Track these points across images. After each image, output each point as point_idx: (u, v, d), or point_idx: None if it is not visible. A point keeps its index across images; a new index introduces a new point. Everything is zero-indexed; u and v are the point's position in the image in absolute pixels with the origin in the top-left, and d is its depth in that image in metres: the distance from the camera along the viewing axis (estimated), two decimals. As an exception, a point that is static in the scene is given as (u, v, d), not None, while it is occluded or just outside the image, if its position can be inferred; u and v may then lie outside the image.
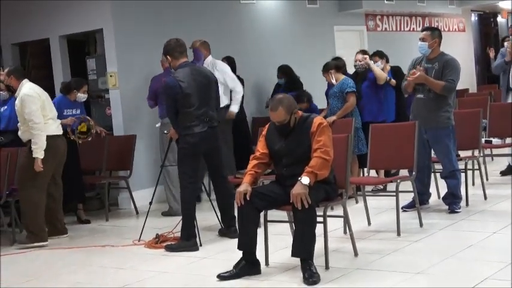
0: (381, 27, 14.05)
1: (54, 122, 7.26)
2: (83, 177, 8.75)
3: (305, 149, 5.26)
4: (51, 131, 7.14)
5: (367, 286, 4.83)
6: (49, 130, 7.12)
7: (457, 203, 7.03)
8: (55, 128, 7.23)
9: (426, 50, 6.95)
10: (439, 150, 7.02)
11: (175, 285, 5.34)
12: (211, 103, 6.62)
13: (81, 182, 8.44)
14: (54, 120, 7.30)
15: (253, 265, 5.37)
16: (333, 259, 5.47)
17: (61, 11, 9.40)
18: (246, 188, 5.23)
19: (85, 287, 5.56)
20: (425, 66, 6.94)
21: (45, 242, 7.19)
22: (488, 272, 4.88)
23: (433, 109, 6.88)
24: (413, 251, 5.73)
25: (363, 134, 8.01)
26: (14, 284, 5.83)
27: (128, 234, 7.36)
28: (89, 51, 10.23)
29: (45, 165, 7.07)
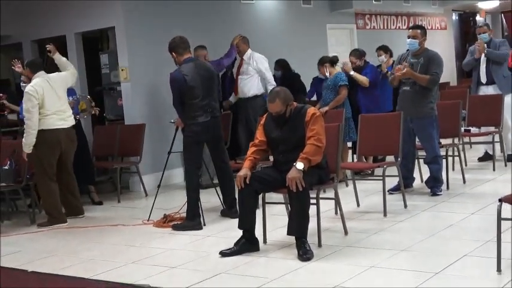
0: (370, 26, 14.02)
1: (55, 116, 7.12)
2: (96, 162, 8.79)
3: (300, 137, 5.25)
4: (50, 124, 7.06)
5: (356, 262, 4.83)
6: (48, 124, 7.05)
7: (439, 186, 7.03)
8: (54, 121, 7.11)
9: (416, 46, 6.93)
10: (423, 138, 7.02)
11: (181, 260, 5.34)
12: (214, 95, 6.62)
13: (91, 166, 8.45)
14: (57, 115, 7.15)
15: (252, 243, 5.38)
16: (325, 237, 5.48)
17: (76, 10, 9.38)
18: (246, 173, 5.24)
19: (99, 262, 5.55)
20: (411, 61, 6.93)
21: (64, 223, 7.20)
22: (467, 249, 4.88)
23: (418, 100, 6.87)
24: (398, 230, 5.73)
25: (353, 123, 8.01)
26: (33, 259, 5.83)
27: (138, 214, 7.36)
28: (102, 47, 10.21)
29: (46, 156, 7.08)
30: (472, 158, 8.96)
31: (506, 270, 4.31)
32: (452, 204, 6.59)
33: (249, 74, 8.92)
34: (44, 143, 7.02)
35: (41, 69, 7.31)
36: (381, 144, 6.77)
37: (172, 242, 6.04)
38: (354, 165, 7.57)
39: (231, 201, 6.67)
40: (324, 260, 4.99)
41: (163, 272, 5.08)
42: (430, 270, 4.48)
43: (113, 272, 5.19)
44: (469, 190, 7.18)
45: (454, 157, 8.06)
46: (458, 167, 7.83)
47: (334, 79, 8.15)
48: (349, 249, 5.23)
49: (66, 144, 7.25)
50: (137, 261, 5.47)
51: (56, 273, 5.33)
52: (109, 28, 9.33)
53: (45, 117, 7.04)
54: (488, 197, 6.47)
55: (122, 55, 9.10)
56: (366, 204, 6.81)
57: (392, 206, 6.48)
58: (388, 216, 6.22)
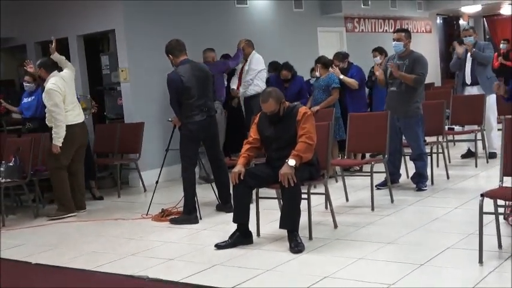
0: (358, 29, 14.03)
1: (72, 112, 7.24)
2: (97, 159, 8.79)
3: (292, 135, 5.26)
4: (69, 120, 7.17)
5: (345, 254, 4.84)
6: (67, 120, 7.14)
7: (424, 182, 7.05)
8: (73, 118, 7.22)
9: (401, 48, 6.94)
10: (409, 136, 7.03)
11: (178, 253, 5.34)
12: (210, 95, 6.62)
13: (92, 162, 8.45)
14: (73, 110, 7.27)
15: (246, 236, 5.38)
16: (316, 231, 5.49)
17: (79, 14, 9.39)
18: (240, 169, 5.24)
19: (100, 254, 5.54)
20: (397, 62, 6.94)
21: (74, 212, 7.24)
22: (450, 242, 4.90)
23: (405, 100, 6.89)
24: (385, 224, 5.74)
25: (342, 122, 8.02)
26: (37, 252, 5.82)
27: (137, 209, 7.35)
28: (103, 49, 10.20)
29: (65, 149, 7.11)
30: (456, 155, 8.99)
31: (487, 262, 4.32)
32: (437, 199, 6.61)
33: (250, 74, 9.13)
34: (65, 138, 7.07)
35: (55, 68, 7.36)
36: (369, 142, 6.78)
37: (170, 235, 6.04)
38: (343, 161, 7.58)
39: (226, 196, 6.67)
40: (315, 252, 5.00)
41: (161, 263, 5.08)
42: (416, 262, 4.48)
43: (114, 264, 5.19)
44: (453, 185, 7.19)
45: (439, 154, 8.09)
46: (442, 164, 7.85)
47: (327, 80, 8.15)
48: (338, 242, 5.23)
49: (82, 138, 7.36)
50: (136, 253, 5.47)
51: (59, 265, 5.32)
52: (109, 31, 9.32)
53: (66, 114, 7.11)
54: (471, 192, 6.48)
55: (121, 57, 9.10)
56: (354, 199, 6.81)
57: (379, 201, 6.50)
58: (376, 211, 6.23)
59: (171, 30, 8.59)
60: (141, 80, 9.08)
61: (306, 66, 9.16)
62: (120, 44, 9.09)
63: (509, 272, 4.14)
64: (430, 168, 7.28)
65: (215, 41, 9.71)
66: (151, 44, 8.87)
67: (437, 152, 8.00)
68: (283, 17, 11.66)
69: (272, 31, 11.21)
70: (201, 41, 9.43)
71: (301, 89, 8.99)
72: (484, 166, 8.22)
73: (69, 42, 9.64)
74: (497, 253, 4.51)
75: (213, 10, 10.18)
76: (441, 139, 7.91)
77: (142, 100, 9.12)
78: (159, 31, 8.89)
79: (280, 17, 11.58)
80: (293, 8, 11.96)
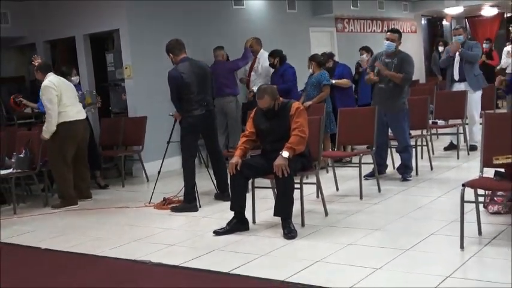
0: (348, 29, 14.00)
1: (73, 108, 7.20)
2: (102, 151, 8.77)
3: (285, 129, 5.25)
4: (69, 116, 7.13)
5: (335, 240, 4.84)
6: (68, 116, 7.11)
7: (409, 172, 7.06)
8: (74, 114, 7.18)
9: (393, 48, 6.95)
10: (395, 130, 7.04)
11: (179, 239, 5.34)
12: (208, 91, 6.60)
13: (97, 154, 8.44)
14: (75, 106, 7.24)
15: (243, 223, 5.38)
16: (308, 218, 5.49)
17: (85, 14, 9.36)
18: (237, 160, 5.24)
19: (105, 240, 5.54)
20: (385, 61, 6.94)
21: (75, 205, 7.20)
22: (434, 229, 4.91)
23: (392, 96, 6.89)
24: (372, 212, 5.75)
25: (333, 117, 8.01)
26: (46, 238, 5.82)
27: (140, 197, 7.34)
28: (108, 47, 10.16)
29: (69, 145, 7.13)
30: (439, 148, 8.99)
31: (468, 247, 4.34)
32: (421, 188, 6.62)
33: (258, 71, 9.26)
34: (66, 133, 7.08)
35: (50, 70, 7.34)
36: (358, 135, 6.78)
37: (171, 222, 6.04)
38: (334, 153, 7.58)
39: (224, 186, 6.66)
40: (307, 238, 5.00)
41: (163, 249, 5.08)
42: (401, 247, 4.49)
43: (118, 249, 5.19)
44: (436, 176, 7.20)
45: (423, 146, 8.09)
46: (426, 156, 7.85)
47: (319, 78, 8.14)
48: (329, 229, 5.24)
49: (83, 134, 7.33)
50: (139, 239, 5.47)
51: (67, 251, 5.32)
52: (114, 30, 9.29)
53: (65, 110, 7.08)
54: (453, 182, 6.50)
55: (125, 54, 9.07)
56: (344, 189, 6.82)
57: (367, 190, 6.50)
58: (364, 199, 6.24)
59: (172, 29, 8.59)
60: (143, 76, 9.07)
61: (298, 63, 9.13)
62: (124, 43, 9.06)
63: (488, 257, 4.17)
64: (415, 160, 7.29)
65: (214, 40, 9.69)
66: (153, 43, 8.86)
67: (421, 145, 8.01)
68: (278, 17, 11.64)
69: (267, 31, 11.18)
70: (201, 40, 9.43)
71: (283, 74, 8.86)
72: (465, 158, 8.23)
73: (76, 41, 9.62)
74: (478, 239, 4.53)
75: (212, 11, 10.14)
76: (425, 132, 7.93)
77: (145, 95, 9.10)
78: (161, 31, 8.88)
79: (274, 18, 11.56)
80: (287, 9, 11.94)
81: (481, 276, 3.87)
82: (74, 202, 7.23)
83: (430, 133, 8.52)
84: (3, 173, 7.20)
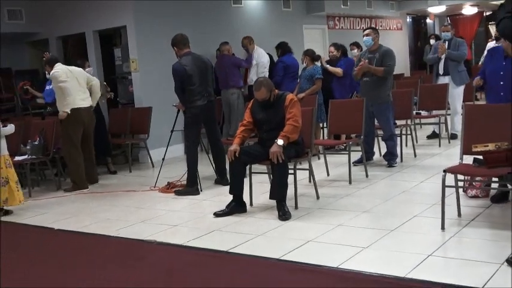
0: (339, 26, 13.96)
1: (78, 96, 7.17)
2: (111, 139, 8.77)
3: (280, 118, 5.24)
4: (75, 104, 7.11)
5: (326, 221, 4.85)
6: (74, 104, 7.09)
7: (394, 159, 7.06)
8: (78, 101, 7.16)
9: (371, 42, 6.96)
10: (381, 119, 7.04)
11: (182, 220, 5.35)
12: (209, 82, 6.57)
13: (108, 141, 8.44)
14: (79, 94, 7.20)
15: (241, 205, 5.39)
16: (301, 201, 5.50)
17: (94, 12, 9.33)
18: (236, 148, 5.23)
19: (114, 221, 5.54)
20: (368, 56, 6.94)
21: (86, 189, 7.20)
22: (417, 211, 4.92)
23: (377, 89, 6.89)
24: (360, 195, 5.75)
25: (324, 108, 8.00)
26: (59, 219, 5.82)
27: (146, 182, 7.34)
28: (115, 43, 10.13)
29: (74, 129, 7.11)
30: (422, 136, 9.00)
31: (449, 228, 4.35)
32: (405, 174, 6.63)
33: (253, 65, 9.27)
34: (72, 119, 7.07)
35: (57, 61, 7.33)
36: (347, 125, 6.77)
37: (175, 204, 6.04)
38: (325, 141, 7.58)
39: (223, 171, 6.66)
40: (300, 219, 5.01)
41: (167, 229, 5.08)
42: (387, 228, 4.51)
43: (126, 230, 5.20)
44: (419, 162, 7.21)
45: (407, 135, 8.08)
46: (411, 144, 7.86)
47: (312, 71, 8.12)
48: (320, 211, 5.25)
49: (87, 121, 7.30)
50: (145, 220, 5.47)
51: (79, 231, 5.33)
52: (121, 27, 9.24)
53: (69, 97, 7.05)
54: (435, 168, 6.51)
55: (132, 49, 9.04)
56: (334, 174, 6.82)
57: (356, 176, 6.51)
58: (353, 184, 6.24)
59: (175, 26, 8.55)
60: (149, 69, 9.04)
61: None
62: (131, 38, 9.02)
63: (467, 237, 4.18)
64: (400, 148, 7.29)
65: (214, 36, 9.66)
66: (158, 38, 8.84)
67: (406, 134, 8.00)
68: (274, 15, 11.61)
69: (264, 27, 11.16)
70: (202, 36, 9.39)
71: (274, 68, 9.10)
72: (446, 146, 8.24)
73: (86, 37, 9.59)
74: (457, 221, 4.54)
75: (213, 9, 10.11)
76: (410, 122, 7.92)
77: (150, 87, 9.08)
78: (165, 27, 8.86)
79: (270, 16, 11.52)
80: (282, 7, 11.91)
81: (460, 254, 3.88)
82: (85, 186, 7.23)
83: (414, 123, 8.52)
84: (19, 159, 7.18)
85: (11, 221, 5.95)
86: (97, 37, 9.66)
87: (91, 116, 7.39)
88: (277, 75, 8.72)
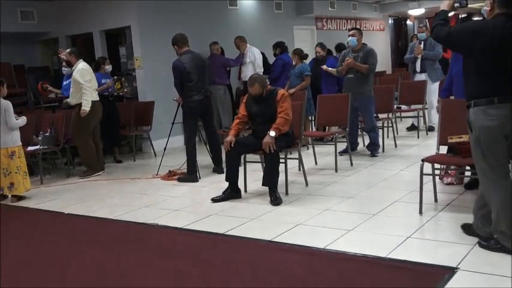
0: (326, 27, 13.93)
1: (94, 92, 7.18)
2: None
3: (272, 112, 5.24)
4: (93, 97, 7.13)
5: (314, 206, 4.86)
6: (93, 97, 7.11)
7: (376, 149, 7.07)
8: (95, 96, 7.18)
9: (355, 42, 6.95)
10: (364, 113, 7.04)
11: (182, 205, 5.34)
12: (206, 79, 6.54)
13: (119, 133, 8.41)
14: (94, 90, 7.21)
15: (236, 191, 5.39)
16: (291, 188, 5.51)
17: (101, 13, 9.27)
18: (231, 139, 5.23)
19: (119, 206, 5.54)
20: (353, 55, 6.94)
21: (100, 171, 7.20)
22: (397, 197, 4.94)
23: (359, 85, 6.90)
24: (346, 182, 5.77)
25: (313, 102, 8.00)
26: (69, 204, 5.81)
27: (149, 170, 7.34)
28: (120, 42, 10.06)
29: (89, 119, 7.08)
30: (402, 128, 9.03)
31: (426, 212, 4.37)
32: (387, 163, 6.65)
33: (246, 63, 9.20)
34: (91, 111, 7.04)
35: (81, 57, 7.31)
36: (334, 118, 6.77)
37: (175, 191, 6.04)
38: (313, 133, 7.58)
39: (219, 161, 6.66)
40: (290, 204, 5.02)
41: (168, 213, 5.08)
42: (369, 212, 4.52)
43: (130, 214, 5.19)
44: (399, 152, 7.23)
45: (388, 127, 8.11)
46: (392, 135, 7.89)
47: (301, 69, 8.10)
48: (309, 197, 5.26)
49: (99, 111, 7.30)
50: (148, 205, 5.47)
51: (87, 215, 5.32)
52: (126, 27, 9.20)
53: (91, 92, 7.06)
54: (414, 158, 6.53)
55: (136, 48, 9.00)
56: (322, 163, 6.83)
57: (341, 164, 6.52)
58: (339, 172, 6.26)
59: (175, 26, 8.48)
60: (151, 66, 9.00)
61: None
62: (135, 38, 8.98)
63: (443, 220, 4.20)
64: (382, 139, 7.30)
65: (211, 35, 9.60)
66: (159, 38, 8.80)
67: (387, 126, 8.02)
68: (266, 16, 11.56)
69: (257, 28, 11.12)
70: (200, 35, 9.33)
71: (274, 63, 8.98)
72: (424, 137, 8.26)
73: (93, 36, 9.53)
74: (434, 205, 4.56)
75: (210, 10, 10.06)
76: (391, 115, 7.94)
77: (152, 83, 9.05)
78: (166, 27, 8.79)
79: (263, 17, 11.47)
80: (274, 9, 11.86)
81: (436, 236, 3.90)
82: (99, 168, 7.24)
83: (395, 116, 8.53)
84: (32, 149, 7.16)
85: (24, 206, 5.93)
86: (103, 36, 9.60)
87: (101, 108, 7.38)
88: (275, 71, 8.70)
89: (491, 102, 3.30)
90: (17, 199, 6.14)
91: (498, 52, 3.27)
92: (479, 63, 3.35)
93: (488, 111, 3.31)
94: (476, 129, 3.38)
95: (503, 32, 3.26)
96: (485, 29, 3.31)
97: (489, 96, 3.31)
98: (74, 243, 4.50)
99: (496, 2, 3.36)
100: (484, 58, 3.31)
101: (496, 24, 3.30)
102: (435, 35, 3.58)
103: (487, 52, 3.29)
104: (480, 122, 3.34)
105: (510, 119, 3.28)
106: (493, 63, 3.30)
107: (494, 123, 3.30)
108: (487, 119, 3.32)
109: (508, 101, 3.28)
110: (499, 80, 3.30)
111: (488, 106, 3.31)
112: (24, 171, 6.14)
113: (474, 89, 3.39)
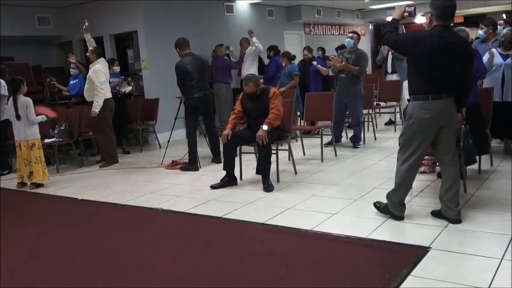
0: (314, 32, 13.90)
1: (108, 89, 7.11)
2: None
3: (265, 108, 5.22)
4: (108, 95, 7.05)
5: (302, 192, 4.87)
6: (108, 94, 7.04)
7: (358, 142, 7.08)
8: (108, 93, 7.10)
9: (351, 44, 6.93)
10: (353, 109, 7.03)
11: (184, 191, 5.33)
12: (206, 78, 6.52)
13: (127, 127, 8.37)
14: (109, 88, 7.15)
15: (232, 179, 5.38)
16: (282, 176, 5.51)
17: (111, 18, 9.21)
18: (228, 132, 5.22)
19: (128, 193, 5.52)
20: (346, 56, 6.93)
21: (118, 162, 7.16)
22: (376, 184, 4.96)
23: (350, 84, 6.89)
24: (331, 171, 5.77)
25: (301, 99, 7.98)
26: (82, 191, 5.78)
27: (154, 160, 7.31)
28: (128, 44, 10.00)
29: (108, 114, 7.02)
30: (381, 123, 9.03)
31: (402, 198, 4.38)
32: (367, 154, 6.66)
33: (246, 62, 9.17)
34: (108, 106, 6.98)
35: (101, 56, 7.18)
36: (320, 113, 6.77)
37: (178, 179, 6.02)
38: (302, 127, 7.57)
39: (217, 152, 6.65)
40: (281, 191, 5.02)
41: (172, 199, 5.07)
42: (352, 198, 4.53)
43: (137, 200, 5.18)
44: (379, 144, 7.24)
45: (369, 122, 8.12)
46: (371, 129, 7.89)
47: (290, 69, 8.09)
48: (298, 184, 5.26)
49: (113, 107, 7.21)
50: (154, 192, 5.45)
51: (98, 200, 5.30)
52: (133, 31, 9.14)
53: (107, 89, 6.99)
54: (391, 149, 6.54)
55: (142, 50, 8.94)
56: (309, 154, 6.83)
57: (327, 155, 6.53)
58: (324, 162, 6.26)
59: (178, 31, 8.48)
60: (156, 67, 8.95)
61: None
62: (141, 41, 8.93)
63: (417, 205, 4.21)
64: (363, 132, 7.30)
65: (210, 39, 9.58)
66: (164, 41, 8.76)
67: (368, 121, 8.02)
68: (259, 23, 11.52)
69: (251, 33, 11.08)
70: (200, 39, 9.30)
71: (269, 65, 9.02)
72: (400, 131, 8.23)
73: (104, 40, 9.45)
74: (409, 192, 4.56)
75: (209, 17, 10.02)
76: (371, 111, 7.94)
77: (157, 82, 9.00)
78: (170, 32, 8.76)
79: (257, 23, 11.43)
80: (266, 16, 11.83)
81: (411, 219, 3.91)
82: (117, 160, 7.19)
83: (374, 112, 8.54)
84: (48, 141, 7.11)
85: (42, 193, 5.90)
86: (113, 40, 9.55)
87: (113, 104, 7.32)
88: (270, 71, 8.71)
89: (426, 99, 3.53)
90: (36, 186, 6.11)
91: (435, 58, 3.47)
92: (418, 66, 3.56)
93: (423, 105, 3.55)
94: (411, 118, 3.63)
95: (440, 41, 3.47)
96: (425, 38, 3.51)
97: (425, 93, 3.53)
98: (86, 225, 4.48)
99: (434, 16, 3.57)
100: (423, 62, 3.52)
101: (434, 34, 3.50)
102: (385, 40, 3.75)
103: (425, 57, 3.49)
104: (416, 114, 3.59)
105: (441, 113, 3.53)
106: (430, 67, 3.50)
107: (427, 116, 3.54)
108: (422, 112, 3.56)
109: (441, 98, 3.51)
110: (434, 81, 3.52)
111: (424, 102, 3.54)
112: (44, 162, 6.10)
113: (414, 87, 3.62)
